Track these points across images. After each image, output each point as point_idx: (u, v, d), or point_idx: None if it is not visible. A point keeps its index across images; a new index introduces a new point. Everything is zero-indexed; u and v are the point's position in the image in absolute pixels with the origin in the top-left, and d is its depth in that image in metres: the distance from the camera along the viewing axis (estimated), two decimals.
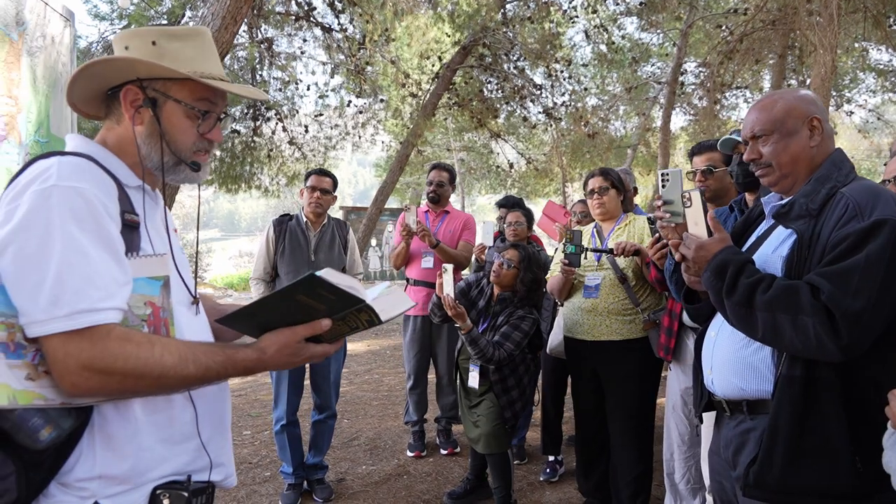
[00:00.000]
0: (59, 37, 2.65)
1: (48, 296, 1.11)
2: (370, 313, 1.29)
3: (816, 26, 8.47)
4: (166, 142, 1.39)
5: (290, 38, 11.20)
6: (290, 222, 4.08)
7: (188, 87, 1.40)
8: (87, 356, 1.13)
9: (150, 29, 1.43)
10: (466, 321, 3.35)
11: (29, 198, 1.16)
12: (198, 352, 1.25)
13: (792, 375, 1.62)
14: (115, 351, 1.15)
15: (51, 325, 1.12)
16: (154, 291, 1.29)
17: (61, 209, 1.15)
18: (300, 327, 1.29)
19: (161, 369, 1.19)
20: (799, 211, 1.71)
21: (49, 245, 1.13)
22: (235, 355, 1.28)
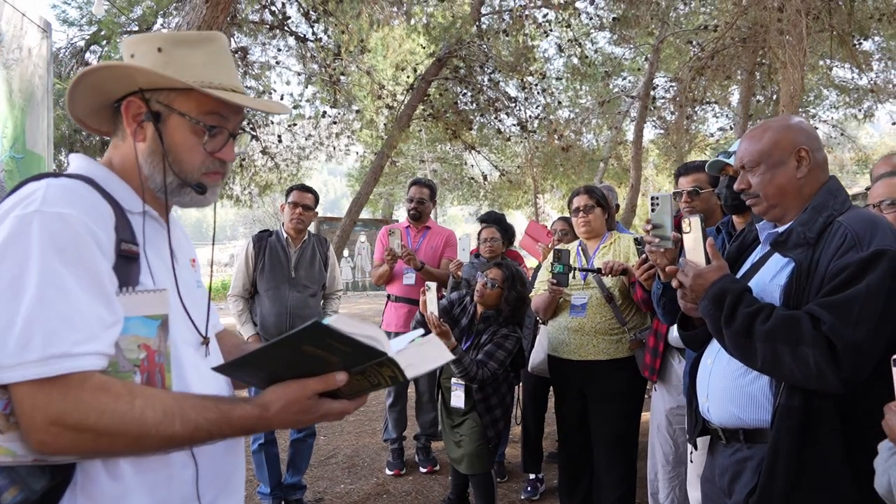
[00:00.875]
0: (37, 48, 2.56)
1: (18, 337, 0.97)
2: (394, 368, 1.10)
3: (786, 44, 8.65)
4: (169, 161, 1.23)
5: (265, 47, 11.09)
6: (269, 238, 4.01)
7: (195, 99, 1.23)
8: (56, 409, 0.98)
9: (158, 34, 1.30)
10: (451, 339, 3.32)
11: (9, 224, 1.03)
12: (187, 407, 1.07)
13: (791, 405, 1.62)
14: (88, 404, 1.00)
15: (18, 372, 0.97)
16: (150, 332, 1.13)
17: (42, 238, 1.01)
18: (311, 381, 1.10)
19: (140, 427, 1.02)
20: (797, 240, 1.71)
21: (24, 279, 0.99)
22: (232, 412, 1.10)
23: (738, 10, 10.52)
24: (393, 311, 4.68)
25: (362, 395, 1.19)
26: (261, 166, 13.09)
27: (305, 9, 9.99)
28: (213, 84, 1.23)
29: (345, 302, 4.48)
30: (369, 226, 19.51)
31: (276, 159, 13.00)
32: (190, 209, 1.36)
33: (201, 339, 1.29)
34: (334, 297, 4.25)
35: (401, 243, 4.46)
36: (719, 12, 11.83)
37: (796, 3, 8.24)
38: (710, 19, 12.24)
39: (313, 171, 18.42)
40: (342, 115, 12.55)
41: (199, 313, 1.31)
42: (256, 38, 10.80)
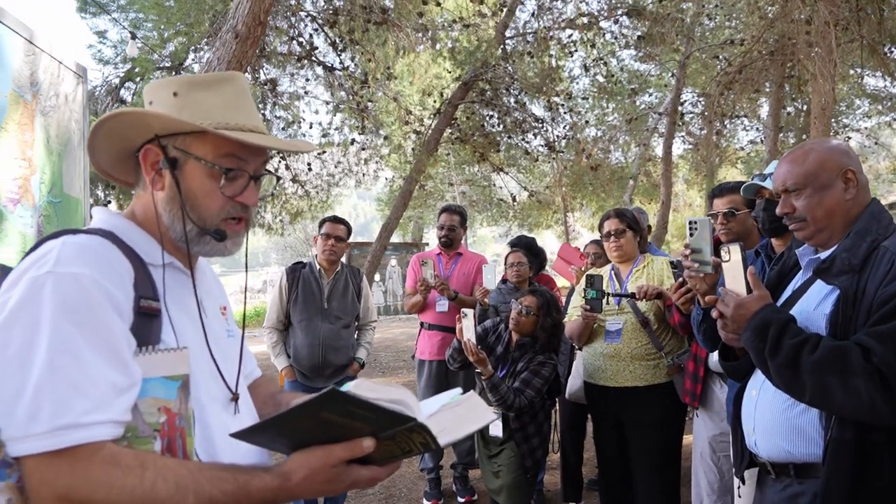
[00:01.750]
0: (73, 94, 2.63)
1: (27, 408, 0.92)
2: (425, 435, 1.01)
3: (815, 56, 8.53)
4: (187, 208, 1.18)
5: (293, 77, 11.29)
6: (303, 270, 4.04)
7: (210, 143, 1.18)
8: (64, 484, 0.93)
9: (175, 79, 1.25)
10: (488, 367, 3.28)
11: (22, 286, 0.99)
12: (201, 479, 1.00)
13: (843, 439, 1.56)
14: (97, 479, 0.94)
15: (27, 445, 0.92)
16: (170, 394, 1.07)
17: (54, 301, 0.97)
18: (337, 447, 1.03)
19: (151, 502, 0.96)
20: (841, 266, 1.66)
21: (34, 345, 0.94)
22: (250, 483, 1.03)
23: (764, 23, 10.43)
24: (426, 339, 4.66)
25: (394, 460, 1.10)
26: (291, 194, 13.28)
27: (332, 38, 10.16)
28: (230, 125, 1.19)
29: (377, 327, 4.47)
30: (400, 250, 19.57)
31: (306, 187, 13.18)
32: None
33: (230, 396, 1.23)
34: (368, 328, 4.26)
35: (433, 273, 4.44)
36: (745, 26, 11.75)
37: (824, 15, 8.14)
38: (736, 33, 12.16)
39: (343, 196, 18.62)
40: (370, 141, 12.69)
41: (231, 366, 1.27)
42: (285, 69, 11.01)
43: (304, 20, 10.23)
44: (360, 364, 4.15)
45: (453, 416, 1.07)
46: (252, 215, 1.28)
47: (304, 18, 10.21)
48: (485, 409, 1.12)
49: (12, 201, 2.18)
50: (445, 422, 1.05)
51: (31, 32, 2.32)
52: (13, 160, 2.20)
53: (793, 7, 8.84)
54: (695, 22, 12.36)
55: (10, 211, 2.16)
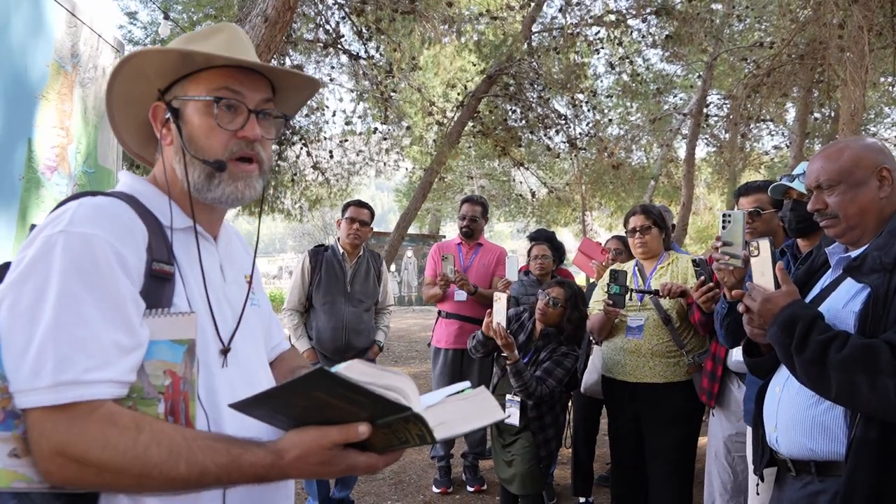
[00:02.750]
0: (110, 68, 2.66)
1: (32, 362, 0.94)
2: (421, 426, 0.95)
3: (847, 62, 8.42)
4: (192, 152, 1.16)
5: (318, 65, 11.31)
6: (325, 253, 4.07)
7: (203, 79, 1.16)
8: (60, 439, 0.94)
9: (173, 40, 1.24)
10: (514, 352, 3.30)
11: (36, 245, 1.01)
12: (195, 447, 0.98)
13: (867, 438, 1.55)
14: (92, 436, 0.95)
15: (30, 398, 0.94)
16: (176, 358, 1.07)
17: (64, 259, 0.98)
18: (332, 430, 0.99)
19: (143, 466, 0.96)
20: (872, 265, 1.65)
21: (43, 301, 0.96)
22: (242, 457, 0.99)
23: (795, 26, 10.30)
24: (443, 328, 4.68)
25: (394, 450, 1.05)
26: (311, 181, 13.32)
27: (359, 27, 10.17)
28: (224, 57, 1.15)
29: (391, 317, 4.50)
30: (416, 241, 19.62)
31: (326, 174, 13.22)
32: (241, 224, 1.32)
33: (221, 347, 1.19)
34: (386, 312, 4.29)
35: (454, 268, 4.46)
36: (775, 29, 11.61)
37: (858, 20, 8.02)
38: (766, 36, 12.01)
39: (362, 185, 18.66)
40: (392, 131, 12.71)
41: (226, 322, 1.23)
42: (311, 56, 11.04)
43: (332, 8, 10.24)
44: (379, 347, 4.18)
45: (456, 410, 1.01)
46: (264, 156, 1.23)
47: (332, 6, 10.23)
48: (494, 407, 1.06)
49: (49, 168, 2.22)
50: (446, 414, 0.99)
51: (74, 4, 2.35)
52: (52, 129, 2.24)
53: (825, 10, 8.71)
54: (724, 23, 12.24)
55: (47, 178, 2.21)
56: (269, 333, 1.48)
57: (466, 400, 1.03)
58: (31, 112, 2.12)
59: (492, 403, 1.05)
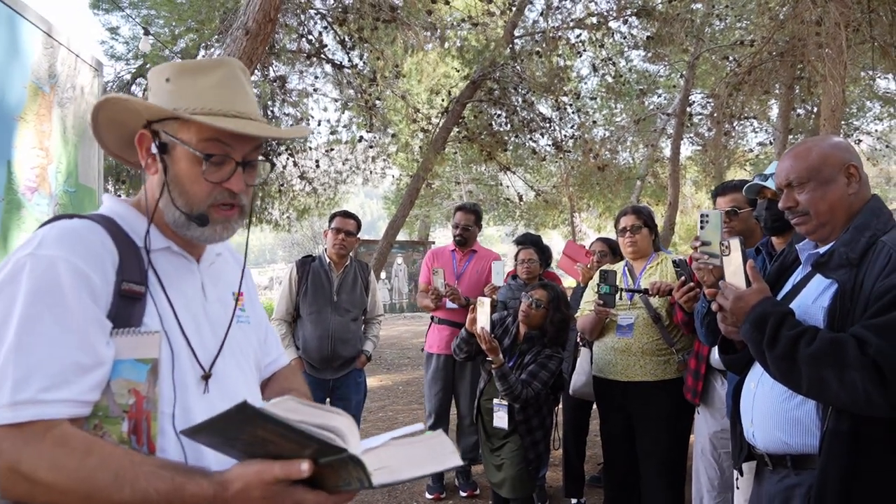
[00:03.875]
0: (89, 87, 2.68)
1: None
2: (359, 469, 0.91)
3: (826, 58, 8.51)
4: (175, 193, 1.19)
5: (302, 75, 11.35)
6: (312, 263, 4.09)
7: (194, 128, 1.18)
8: (13, 457, 0.96)
9: (169, 64, 1.25)
10: (499, 355, 3.33)
11: (6, 268, 1.05)
12: (140, 473, 0.99)
13: (839, 430, 1.59)
14: (43, 456, 0.97)
15: None
16: (140, 377, 1.09)
17: (29, 282, 1.02)
18: (275, 465, 0.96)
19: (88, 488, 0.97)
20: (839, 260, 1.69)
21: (7, 323, 1.00)
22: (185, 487, 0.99)
23: (774, 24, 10.40)
24: (436, 333, 4.70)
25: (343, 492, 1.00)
26: (299, 191, 13.33)
27: (341, 36, 10.21)
28: (214, 110, 1.18)
29: (383, 324, 4.52)
30: (406, 248, 19.61)
31: (313, 184, 13.23)
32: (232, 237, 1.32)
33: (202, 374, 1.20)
34: (375, 322, 4.31)
35: (444, 282, 4.49)
36: (755, 27, 11.72)
37: (835, 16, 8.12)
38: (747, 34, 12.12)
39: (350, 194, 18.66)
40: (378, 139, 12.74)
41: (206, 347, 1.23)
42: (294, 66, 11.07)
43: (314, 18, 10.28)
44: (367, 357, 4.20)
45: (402, 453, 0.96)
46: (245, 202, 1.26)
47: (314, 16, 10.26)
48: (450, 452, 1.00)
49: (30, 189, 2.24)
50: (389, 458, 0.94)
51: (50, 26, 2.37)
52: (31, 150, 2.26)
53: (803, 8, 8.82)
54: (704, 23, 12.34)
55: (27, 199, 2.22)
56: (265, 349, 1.48)
57: (417, 443, 0.98)
58: (9, 134, 2.13)
59: (448, 448, 0.99)
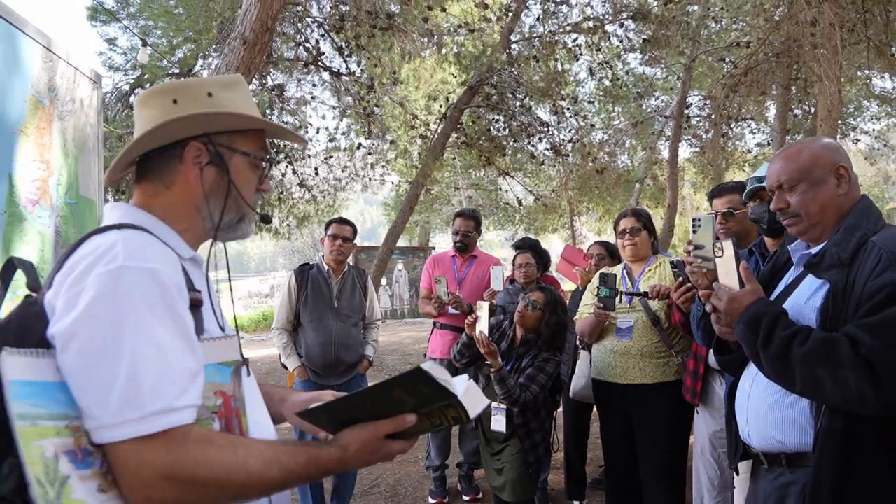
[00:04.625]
0: (88, 99, 2.71)
1: (119, 396, 0.97)
2: (459, 410, 1.14)
3: (821, 58, 8.54)
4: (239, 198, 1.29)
5: (300, 83, 11.38)
6: (310, 271, 4.12)
7: (251, 138, 1.31)
8: (166, 464, 0.99)
9: (201, 80, 1.32)
10: (498, 359, 3.34)
11: (94, 281, 1.02)
12: (280, 453, 1.10)
13: (833, 429, 1.61)
14: (196, 457, 1.01)
15: (123, 430, 0.97)
16: (224, 379, 1.16)
17: (132, 294, 1.02)
18: (383, 423, 1.15)
19: (246, 475, 1.04)
20: (831, 261, 1.71)
21: (119, 337, 0.99)
22: (319, 455, 1.13)
23: (770, 25, 10.44)
24: (438, 339, 4.73)
25: (418, 435, 1.22)
26: (298, 199, 13.36)
27: (339, 44, 10.24)
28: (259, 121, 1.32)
29: (384, 330, 4.55)
30: (406, 254, 19.62)
31: (313, 191, 13.26)
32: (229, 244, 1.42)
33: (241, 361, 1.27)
34: (374, 327, 4.33)
35: (447, 290, 4.51)
36: (751, 28, 11.75)
37: (829, 17, 8.15)
38: (742, 36, 12.16)
39: (350, 201, 18.69)
40: (377, 145, 12.76)
41: None
42: (292, 74, 11.10)
43: (311, 26, 10.32)
44: (369, 361, 4.22)
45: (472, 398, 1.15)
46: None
47: (311, 24, 10.30)
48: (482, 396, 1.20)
49: (31, 202, 2.26)
50: (470, 400, 1.13)
51: (49, 40, 2.40)
52: (32, 163, 2.28)
53: (798, 9, 8.85)
54: (700, 25, 12.38)
55: (29, 211, 2.24)
56: None
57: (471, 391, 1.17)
58: (10, 148, 2.16)
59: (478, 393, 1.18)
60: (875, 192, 22.72)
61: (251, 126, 1.31)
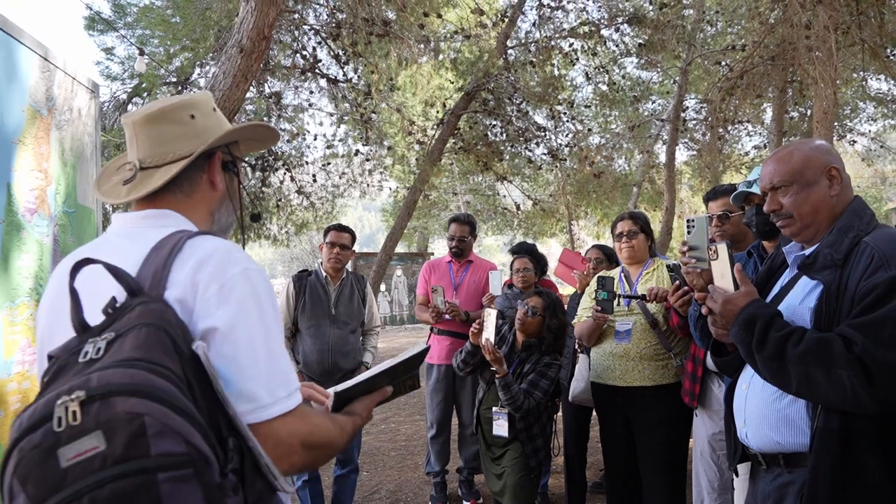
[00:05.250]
0: (86, 108, 2.72)
1: (272, 379, 1.13)
2: (414, 378, 1.51)
3: (816, 61, 8.58)
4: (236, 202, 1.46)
5: (297, 90, 11.42)
6: (309, 277, 4.12)
7: (241, 148, 1.50)
8: (305, 432, 1.17)
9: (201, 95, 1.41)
10: (503, 365, 3.35)
11: (234, 282, 1.14)
12: (338, 420, 1.34)
13: (829, 428, 1.62)
14: (319, 425, 1.22)
15: (278, 407, 1.13)
16: None
17: (263, 293, 1.18)
18: (376, 394, 1.46)
19: (337, 439, 1.27)
20: (824, 261, 1.72)
21: (265, 330, 1.15)
22: (354, 421, 1.38)
23: (764, 28, 10.47)
24: (436, 344, 4.72)
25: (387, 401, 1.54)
26: (296, 206, 13.39)
27: (335, 51, 10.28)
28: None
29: (384, 336, 4.56)
30: (405, 260, 19.63)
31: (311, 198, 13.28)
32: None
33: None
34: (373, 333, 4.33)
35: (444, 300, 4.52)
36: (746, 31, 11.80)
37: (824, 20, 8.18)
38: (738, 39, 12.21)
39: (348, 207, 18.72)
40: (374, 152, 12.80)
41: None
42: (289, 82, 11.13)
43: (308, 34, 10.36)
44: (367, 368, 4.21)
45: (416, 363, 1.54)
46: None
47: (308, 32, 10.34)
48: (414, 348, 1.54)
49: (30, 211, 2.27)
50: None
51: (47, 50, 2.41)
52: (30, 172, 2.29)
53: (792, 12, 8.88)
54: (696, 28, 12.42)
55: (27, 221, 2.25)
56: None
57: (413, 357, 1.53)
58: (8, 157, 2.17)
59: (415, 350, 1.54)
60: (872, 193, 22.79)
61: (263, 134, 1.52)
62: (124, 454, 0.88)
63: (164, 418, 0.91)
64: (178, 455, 0.91)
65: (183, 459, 0.91)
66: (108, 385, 0.91)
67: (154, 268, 1.13)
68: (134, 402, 0.90)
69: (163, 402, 0.92)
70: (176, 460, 0.91)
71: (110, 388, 0.91)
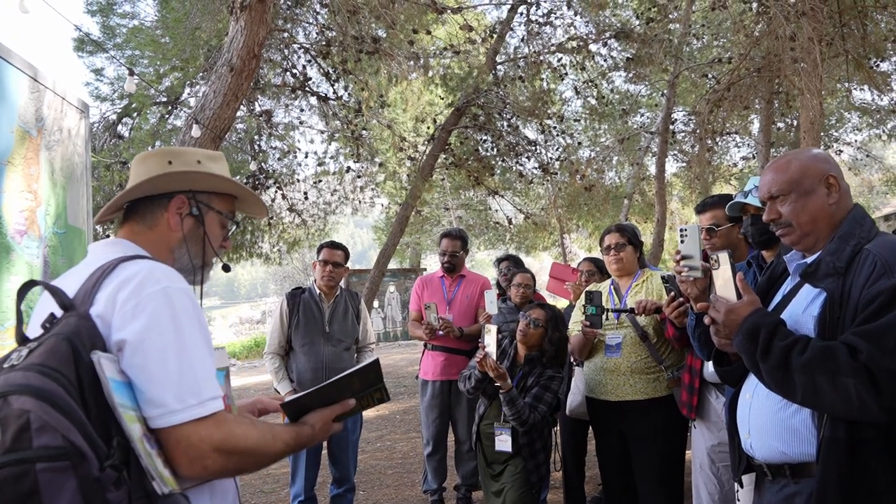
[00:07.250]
0: (75, 129, 2.70)
1: (182, 387, 1.21)
2: (383, 392, 1.57)
3: (801, 72, 8.66)
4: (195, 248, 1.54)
5: (288, 108, 11.42)
6: (302, 295, 4.09)
7: (226, 201, 1.60)
8: (217, 439, 1.23)
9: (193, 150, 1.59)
10: (507, 381, 3.32)
11: (149, 298, 1.25)
12: (278, 430, 1.40)
13: (836, 437, 1.60)
14: (236, 432, 1.27)
15: (187, 413, 1.21)
16: (220, 381, 1.37)
17: (181, 309, 1.27)
18: (336, 406, 1.52)
19: (265, 447, 1.33)
20: (826, 269, 1.71)
21: (179, 341, 1.24)
22: (300, 432, 1.45)
23: (750, 41, 10.58)
24: (430, 360, 4.69)
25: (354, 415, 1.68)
26: (288, 223, 13.35)
27: (325, 69, 10.30)
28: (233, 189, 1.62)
29: (377, 353, 4.51)
30: (398, 276, 19.59)
31: (303, 216, 13.25)
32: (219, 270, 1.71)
33: None
34: (367, 350, 4.30)
35: (437, 316, 4.49)
36: (732, 44, 11.91)
37: (808, 32, 8.27)
38: (724, 52, 12.32)
39: (340, 224, 18.70)
40: (366, 168, 12.80)
41: None
42: (279, 100, 11.14)
43: (298, 52, 10.38)
44: None
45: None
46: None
47: (298, 50, 10.36)
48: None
49: (19, 233, 2.23)
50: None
51: (36, 71, 2.39)
52: (19, 193, 2.26)
53: (777, 25, 8.98)
54: (682, 42, 12.53)
55: (17, 242, 2.22)
56: None
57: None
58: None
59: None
60: (861, 201, 22.92)
61: (227, 189, 1.60)
62: (12, 445, 1.02)
63: (45, 415, 1.04)
64: (56, 448, 1.03)
65: (60, 452, 1.03)
66: (10, 385, 1.06)
67: (87, 287, 1.28)
68: (24, 399, 1.04)
69: (47, 401, 1.05)
70: (53, 452, 1.03)
71: (11, 388, 1.06)
